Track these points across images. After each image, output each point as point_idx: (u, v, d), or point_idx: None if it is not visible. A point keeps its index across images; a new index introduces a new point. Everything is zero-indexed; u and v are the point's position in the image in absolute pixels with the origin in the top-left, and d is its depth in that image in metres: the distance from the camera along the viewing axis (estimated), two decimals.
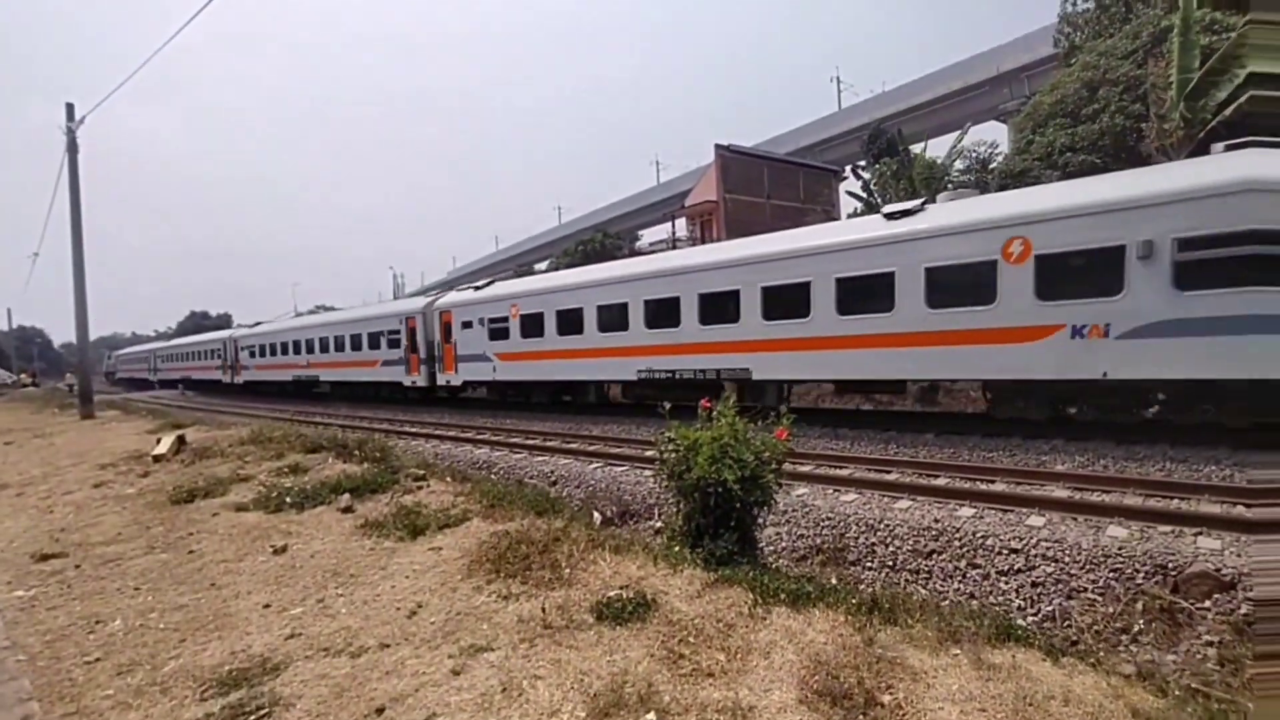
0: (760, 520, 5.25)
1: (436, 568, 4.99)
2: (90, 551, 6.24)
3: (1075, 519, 6.38)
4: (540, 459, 11.65)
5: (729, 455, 4.75)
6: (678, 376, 14.08)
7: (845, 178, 37.24)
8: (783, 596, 3.99)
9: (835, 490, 8.13)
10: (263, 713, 3.16)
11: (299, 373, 28.95)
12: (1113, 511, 6.39)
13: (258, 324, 37.84)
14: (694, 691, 3.04)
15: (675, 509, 5.38)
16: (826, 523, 7.06)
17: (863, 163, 26.99)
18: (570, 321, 16.26)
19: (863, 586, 5.55)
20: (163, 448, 11.56)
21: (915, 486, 7.91)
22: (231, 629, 4.21)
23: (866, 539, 6.69)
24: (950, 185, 21.44)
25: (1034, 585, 5.56)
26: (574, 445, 12.44)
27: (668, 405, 5.69)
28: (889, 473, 8.76)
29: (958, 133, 22.84)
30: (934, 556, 6.25)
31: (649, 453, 10.35)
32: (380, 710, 3.09)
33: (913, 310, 10.50)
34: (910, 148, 23.10)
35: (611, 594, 4.12)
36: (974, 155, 22.44)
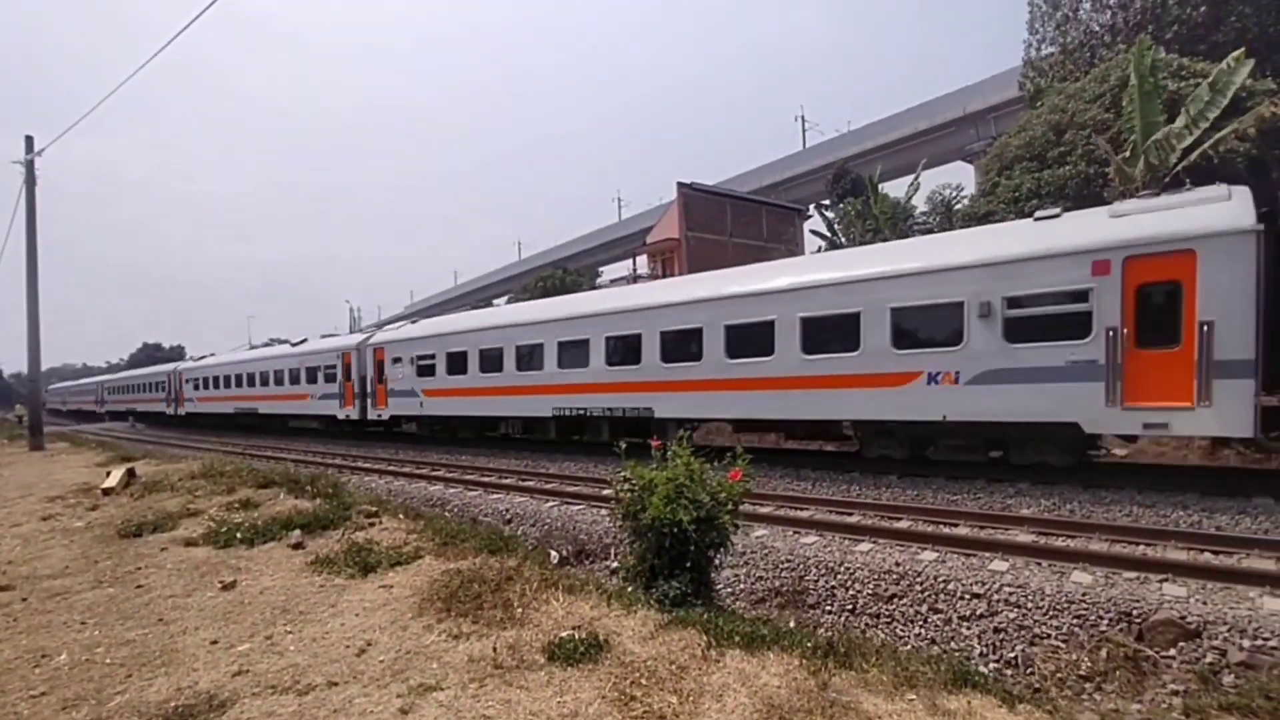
0: (717, 562, 5.14)
1: (387, 605, 4.81)
2: (37, 584, 5.86)
3: (1040, 564, 6.22)
4: (495, 497, 11.39)
5: (684, 496, 4.66)
6: (588, 414, 14.49)
7: (809, 216, 37.23)
8: (737, 639, 3.90)
9: (795, 532, 7.92)
10: None
11: (239, 404, 29.11)
12: (1078, 557, 6.25)
13: (203, 358, 37.92)
14: None
15: (630, 549, 5.26)
16: (786, 565, 6.86)
17: (827, 201, 26.89)
18: (491, 360, 16.70)
19: (821, 630, 5.35)
20: (112, 481, 10.96)
21: (877, 529, 7.73)
22: (178, 665, 3.98)
23: (826, 582, 6.50)
24: (914, 227, 21.12)
25: (996, 631, 5.40)
26: (530, 483, 12.20)
27: (623, 444, 5.62)
28: (851, 514, 8.56)
29: (914, 175, 22.55)
30: (895, 600, 6.06)
31: (606, 491, 10.23)
32: None
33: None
34: (879, 186, 22.81)
35: (564, 634, 4.01)
36: (939, 198, 22.07)
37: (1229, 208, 8.00)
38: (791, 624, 4.90)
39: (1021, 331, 8.96)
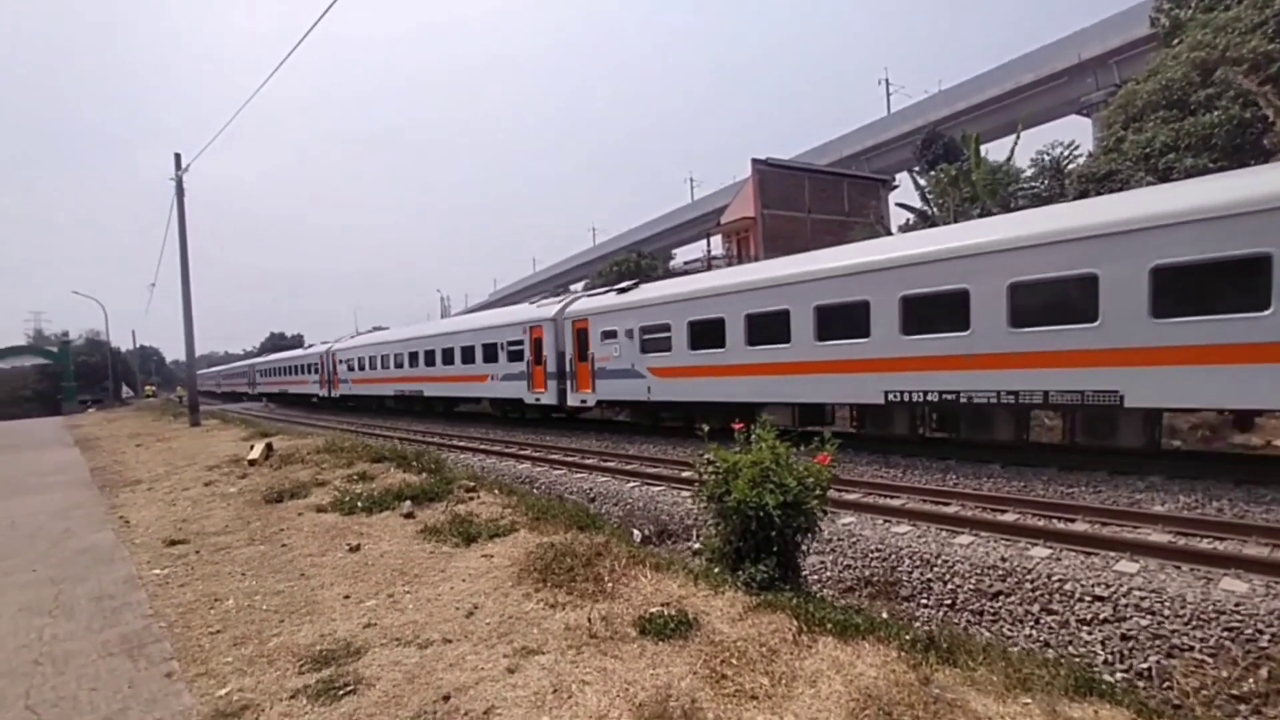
0: (804, 547, 5.04)
1: (489, 574, 5.04)
2: (205, 540, 6.61)
3: (1178, 567, 5.51)
4: (579, 476, 11.69)
5: (770, 480, 4.58)
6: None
7: (895, 186, 34.56)
8: (829, 626, 3.79)
9: (886, 520, 7.55)
10: (349, 689, 3.30)
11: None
12: (1229, 561, 5.47)
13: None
14: (738, 712, 2.95)
15: (715, 531, 5.27)
16: (876, 554, 6.58)
17: (917, 169, 24.66)
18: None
19: (917, 623, 5.13)
20: (255, 453, 12.10)
21: (979, 521, 7.20)
22: (319, 615, 4.39)
23: (921, 574, 6.17)
24: (1018, 191, 18.79)
25: (1124, 638, 4.87)
26: (611, 464, 12.42)
27: (705, 427, 5.60)
28: (947, 505, 8.03)
29: (1015, 135, 20.04)
30: (1001, 598, 5.64)
31: (686, 474, 10.28)
32: (446, 698, 3.16)
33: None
34: (980, 148, 20.22)
35: (653, 610, 4.07)
36: (1047, 158, 19.22)
37: None
38: (884, 615, 4.73)
39: None
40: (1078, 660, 4.66)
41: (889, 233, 25.40)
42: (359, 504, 7.55)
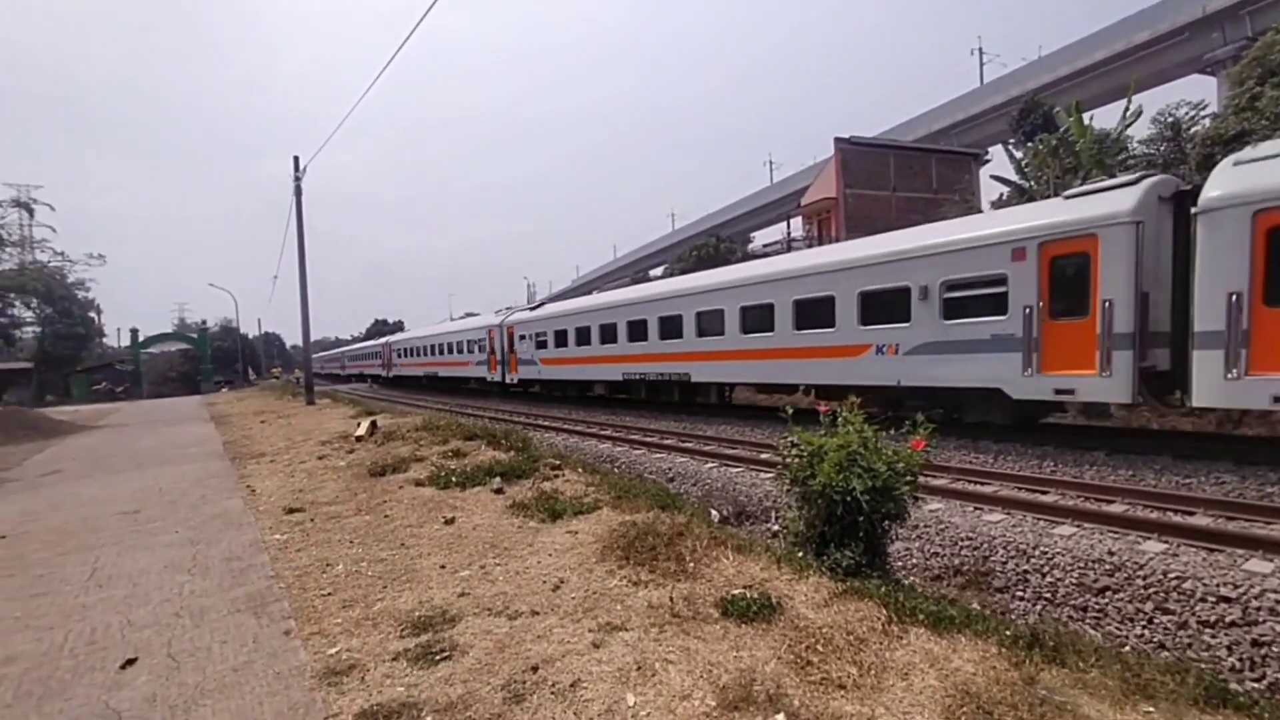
0: (891, 534, 4.80)
1: (574, 549, 5.10)
2: (319, 509, 7.09)
3: None
4: (658, 456, 11.66)
5: (858, 464, 4.36)
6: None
7: (988, 160, 32.24)
8: (920, 617, 3.57)
9: (977, 508, 7.11)
10: (445, 654, 3.42)
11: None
12: None
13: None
14: (825, 701, 2.82)
15: (798, 514, 5.09)
16: (966, 543, 6.20)
17: (1012, 141, 22.63)
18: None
19: (1013, 616, 4.80)
20: (361, 430, 12.88)
21: (1082, 511, 6.64)
22: (418, 582, 4.59)
23: (1017, 565, 5.75)
24: (1129, 159, 16.92)
25: (1256, 644, 4.39)
26: (689, 445, 12.33)
27: (790, 410, 5.42)
28: (1045, 493, 7.47)
29: (1126, 100, 17.65)
30: (1108, 594, 5.16)
31: (764, 455, 10.10)
32: (535, 668, 3.20)
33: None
34: (1081, 117, 18.13)
35: (735, 592, 3.98)
36: (1168, 120, 17.23)
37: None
38: (976, 606, 4.42)
39: None
40: (1203, 667, 4.15)
41: (979, 210, 23.80)
42: (453, 479, 7.86)
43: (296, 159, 25.05)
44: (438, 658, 3.38)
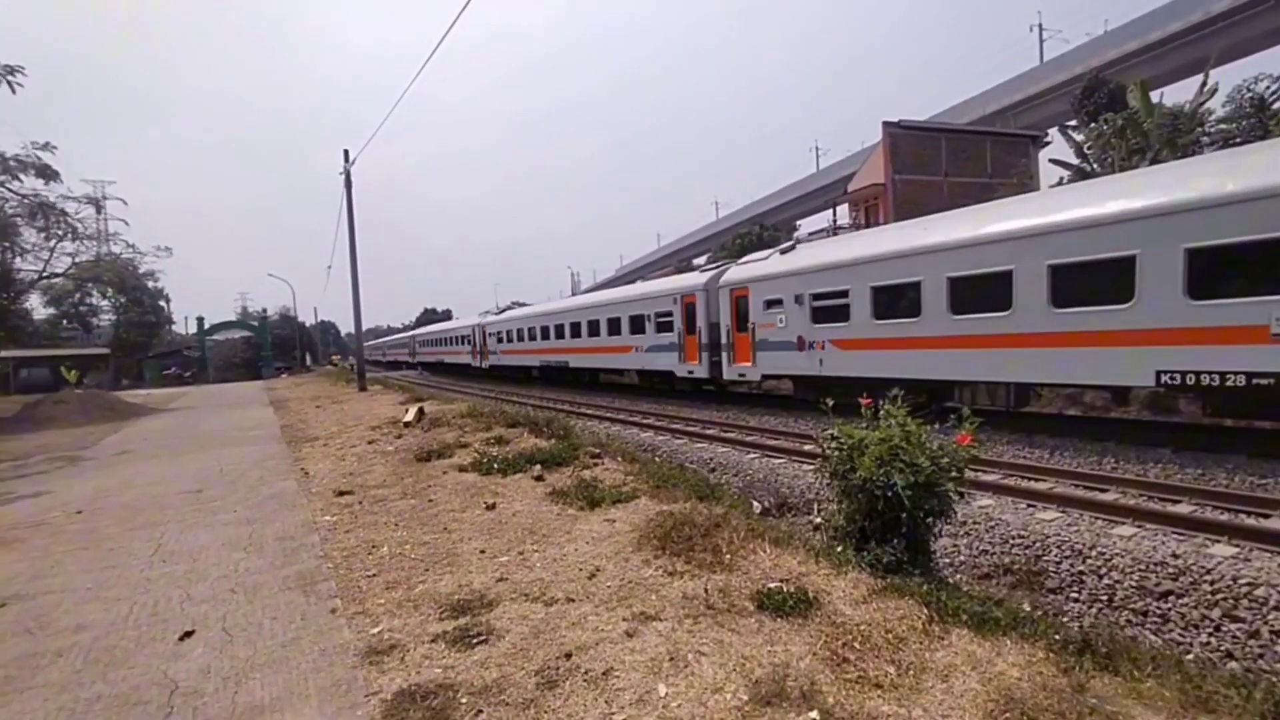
0: (935, 530, 4.64)
1: (611, 538, 5.13)
2: (367, 492, 7.34)
3: None
4: (699, 446, 11.62)
5: (900, 458, 4.22)
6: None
7: (1047, 143, 30.74)
8: (964, 617, 3.44)
9: (1030, 505, 6.84)
10: (482, 638, 3.49)
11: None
12: None
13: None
14: (860, 700, 2.76)
15: (838, 508, 4.98)
16: (1018, 541, 5.98)
17: (1073, 123, 21.65)
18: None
19: (1065, 619, 4.61)
20: (409, 416, 13.26)
21: (1145, 511, 6.33)
22: (458, 566, 4.70)
23: (1071, 565, 5.51)
24: (1205, 137, 15.98)
25: None
26: (731, 435, 12.24)
27: (830, 401, 5.30)
28: (1105, 491, 7.13)
29: (1204, 74, 16.74)
30: (1171, 599, 4.92)
31: (808, 447, 9.93)
32: (569, 655, 3.24)
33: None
34: (1148, 95, 17.24)
35: (772, 585, 3.92)
36: (1247, 95, 16.18)
37: None
38: (1026, 607, 4.24)
39: None
40: (1274, 680, 3.89)
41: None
42: (495, 465, 8.01)
43: (346, 152, 25.81)
44: (475, 641, 3.46)
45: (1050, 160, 21.78)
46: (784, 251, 15.46)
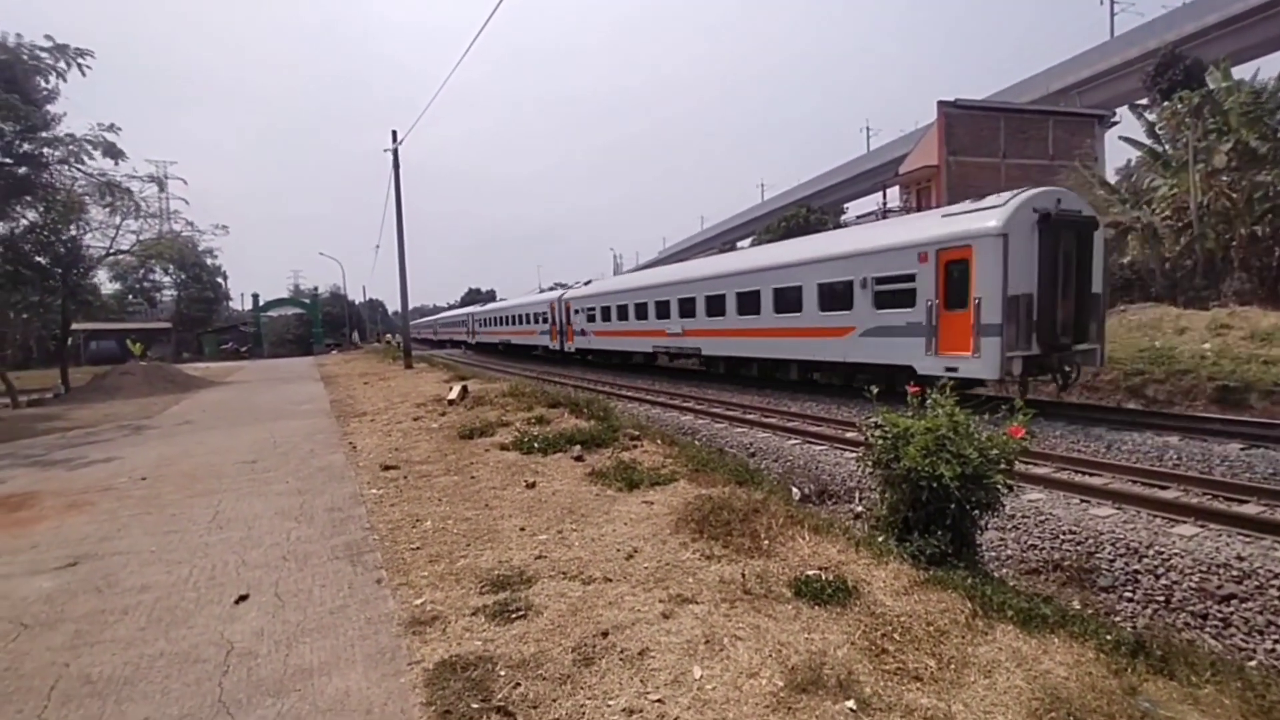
0: (981, 523, 4.56)
1: (649, 520, 5.17)
2: (412, 468, 7.58)
3: None
4: (740, 430, 11.55)
5: (946, 449, 4.15)
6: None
7: (1115, 122, 29.43)
8: (1010, 613, 3.36)
9: (1083, 500, 6.63)
10: (521, 613, 3.59)
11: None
12: None
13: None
14: (898, 691, 2.74)
15: (880, 498, 4.92)
16: (1069, 537, 5.81)
17: (1144, 101, 20.91)
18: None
19: (1117, 619, 4.50)
20: (453, 394, 13.56)
21: (1209, 510, 6.07)
22: (499, 542, 4.83)
23: (1126, 564, 5.34)
24: None
25: None
26: (772, 420, 12.13)
27: (874, 389, 5.20)
28: (1165, 488, 6.85)
29: None
30: (1234, 602, 4.72)
31: (850, 434, 9.79)
32: (605, 634, 3.30)
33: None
34: (1230, 70, 16.13)
35: (810, 572, 3.92)
36: None
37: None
38: (1075, 605, 4.11)
39: None
40: None
41: (1104, 177, 21.49)
42: (536, 445, 8.15)
43: (394, 133, 26.22)
44: (514, 616, 3.56)
45: (1120, 138, 20.68)
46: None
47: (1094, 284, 10.95)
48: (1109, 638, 3.13)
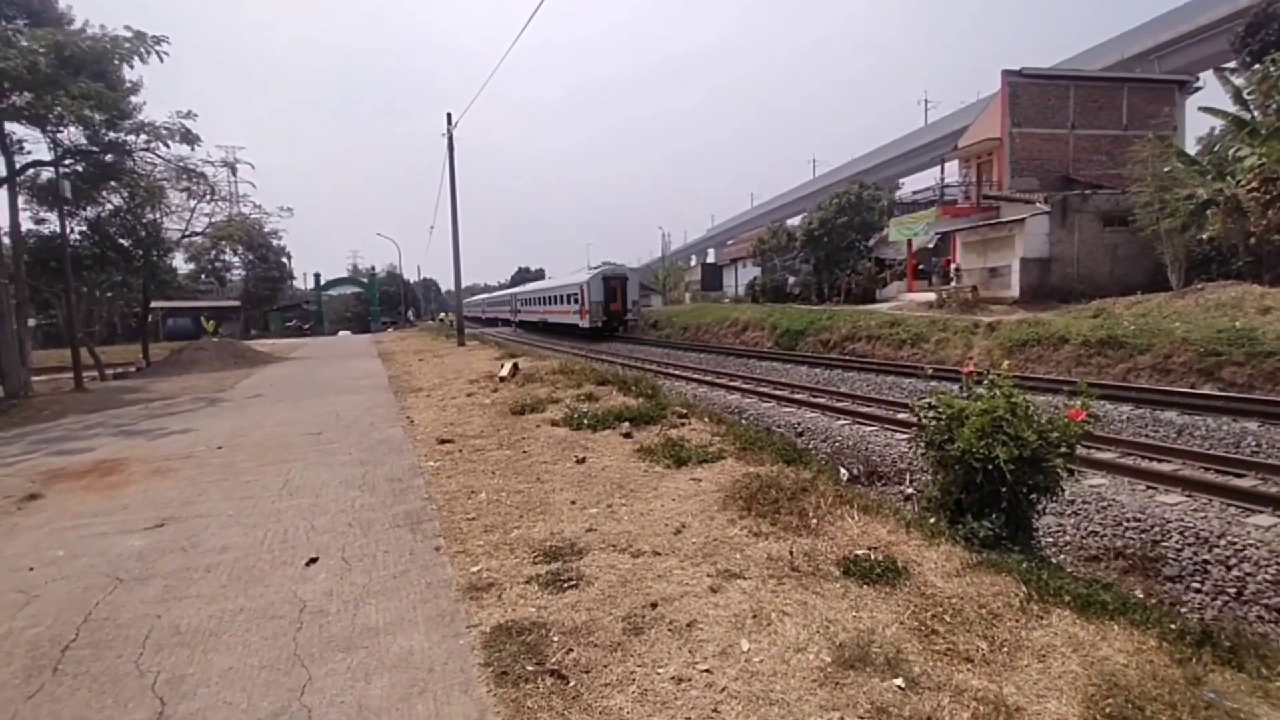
0: (1039, 507, 4.43)
1: (696, 496, 5.20)
2: (466, 442, 7.80)
3: None
4: (788, 410, 11.47)
5: (1003, 431, 4.04)
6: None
7: (1199, 88, 27.14)
8: (1066, 598, 3.26)
9: (1149, 487, 6.38)
10: (572, 583, 3.70)
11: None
12: None
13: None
14: (948, 671, 2.72)
15: (932, 479, 4.82)
16: (1133, 524, 5.61)
17: (1231, 64, 19.69)
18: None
19: (1182, 610, 4.34)
20: (504, 371, 13.85)
21: None
22: (550, 515, 4.96)
23: (1195, 553, 5.13)
24: None
25: None
26: (821, 400, 11.98)
27: (929, 369, 5.08)
28: (1241, 476, 6.56)
29: None
30: None
31: (901, 415, 9.60)
32: (654, 605, 3.38)
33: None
34: None
35: (859, 552, 3.89)
36: None
37: None
38: (1139, 594, 3.97)
39: None
40: None
41: (1182, 147, 19.91)
42: (585, 421, 8.26)
43: (449, 115, 26.52)
44: (566, 585, 3.68)
45: (1200, 108, 19.13)
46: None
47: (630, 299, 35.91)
48: (1173, 626, 3.02)
